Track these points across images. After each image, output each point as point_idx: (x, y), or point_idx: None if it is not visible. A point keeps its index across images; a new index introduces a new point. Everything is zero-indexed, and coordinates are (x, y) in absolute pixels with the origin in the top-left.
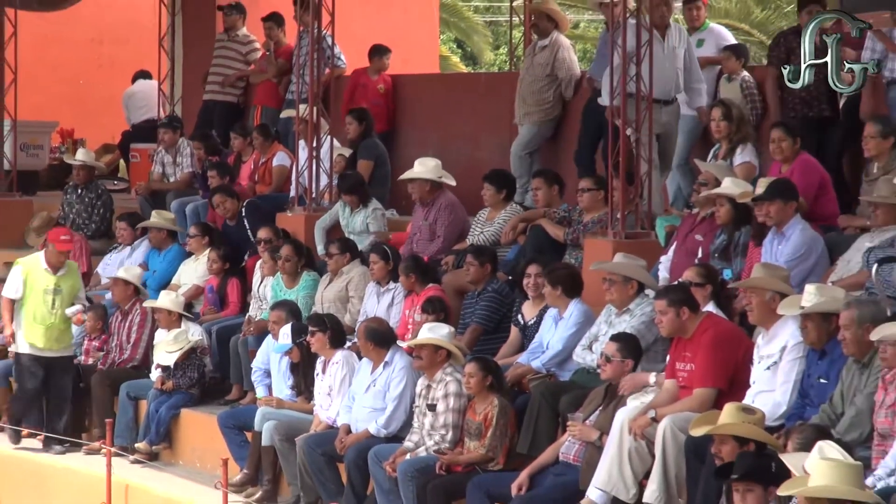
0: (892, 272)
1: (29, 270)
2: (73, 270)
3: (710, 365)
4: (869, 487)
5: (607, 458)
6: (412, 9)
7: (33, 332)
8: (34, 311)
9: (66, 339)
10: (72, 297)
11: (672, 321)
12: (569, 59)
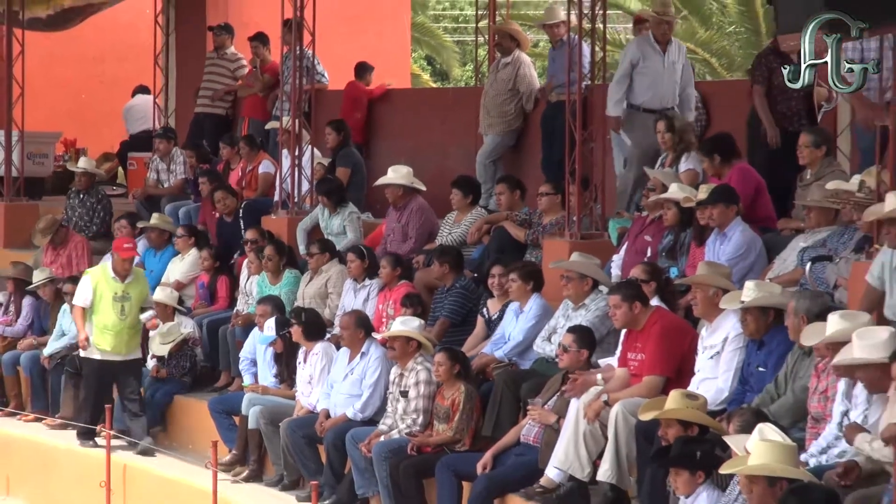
0: (823, 270)
1: (97, 280)
2: (140, 277)
3: (659, 354)
4: (803, 465)
5: (564, 439)
6: (386, 29)
7: (103, 339)
8: (104, 318)
9: (135, 343)
10: (140, 302)
11: (626, 314)
12: (529, 75)
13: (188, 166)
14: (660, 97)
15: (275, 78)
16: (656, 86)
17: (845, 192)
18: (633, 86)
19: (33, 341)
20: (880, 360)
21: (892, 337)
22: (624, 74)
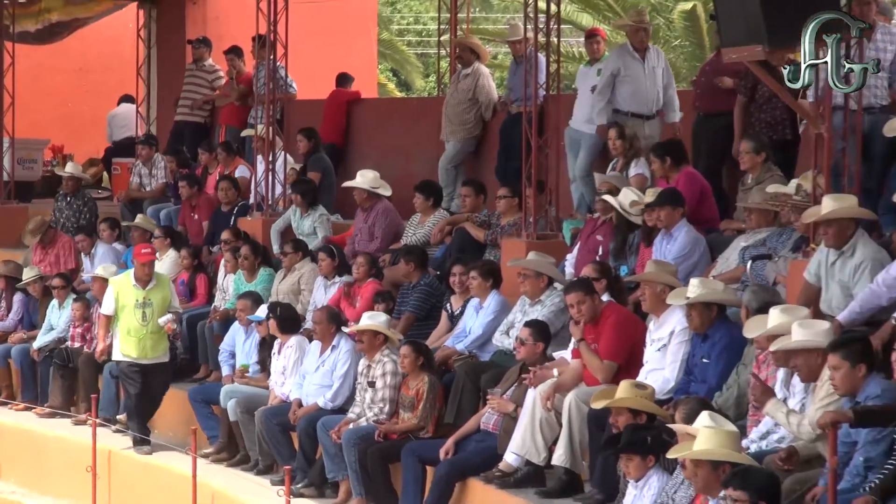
0: (763, 268)
1: (119, 288)
2: (162, 283)
3: (613, 343)
4: (744, 450)
5: (521, 427)
6: (354, 43)
7: (128, 345)
8: (127, 325)
9: (161, 347)
10: (163, 308)
11: (590, 308)
12: (488, 86)
13: (169, 171)
14: (645, 102)
15: (249, 88)
16: (640, 91)
17: (783, 195)
18: (617, 94)
19: (23, 335)
20: (817, 346)
21: (830, 328)
22: (605, 85)
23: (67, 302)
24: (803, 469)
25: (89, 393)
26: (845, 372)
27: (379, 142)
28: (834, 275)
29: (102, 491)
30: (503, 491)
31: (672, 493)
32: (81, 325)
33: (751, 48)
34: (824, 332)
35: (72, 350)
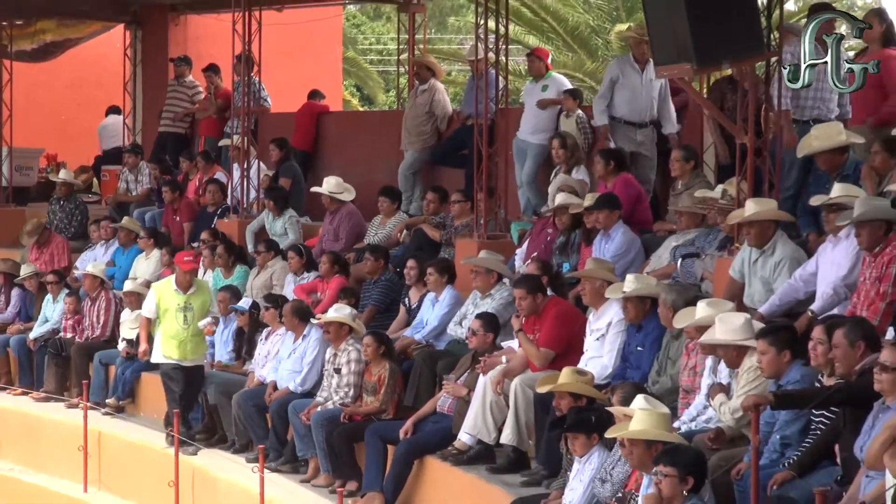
0: (692, 265)
1: (161, 293)
2: (203, 288)
3: (551, 333)
4: (675, 430)
5: (473, 409)
6: (321, 61)
7: (168, 347)
8: (168, 328)
9: (200, 350)
10: (203, 312)
11: (530, 304)
12: (443, 101)
13: (153, 177)
14: (638, 111)
15: (226, 102)
16: (635, 100)
17: (710, 199)
18: (614, 100)
19: (20, 326)
20: (735, 342)
21: (747, 322)
22: (606, 89)
23: (60, 296)
24: (728, 447)
25: (81, 379)
26: (771, 357)
27: (345, 151)
28: (756, 271)
29: (93, 468)
30: (457, 468)
31: (610, 469)
32: (73, 318)
33: (681, 66)
34: (740, 327)
35: (65, 340)
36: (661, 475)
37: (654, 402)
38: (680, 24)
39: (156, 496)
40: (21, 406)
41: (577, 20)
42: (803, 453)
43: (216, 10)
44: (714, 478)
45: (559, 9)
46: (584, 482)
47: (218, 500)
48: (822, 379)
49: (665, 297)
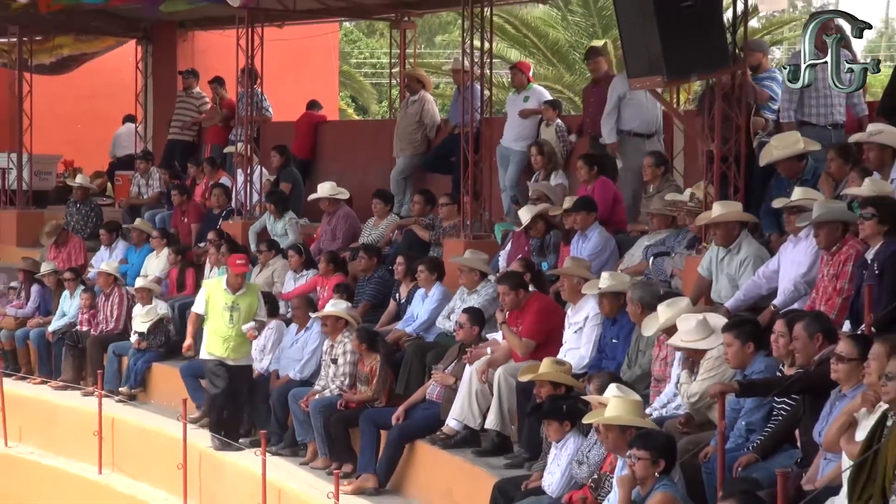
0: (663, 263)
1: (211, 290)
2: (252, 291)
3: (533, 325)
4: (648, 416)
5: (460, 397)
6: (319, 75)
7: (213, 343)
8: (214, 325)
9: (244, 350)
10: (250, 314)
11: (513, 299)
12: (432, 111)
13: (163, 182)
14: (646, 123)
15: (231, 112)
16: (642, 114)
17: (680, 202)
18: (622, 115)
19: (40, 320)
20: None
21: (700, 323)
22: (613, 107)
23: (77, 292)
24: (696, 432)
25: (96, 369)
26: (736, 349)
27: (341, 157)
28: (723, 269)
29: (107, 451)
30: (445, 451)
31: (587, 452)
32: (88, 312)
33: (652, 79)
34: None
35: (81, 333)
36: (635, 458)
37: (627, 390)
38: (652, 39)
39: (165, 478)
40: (40, 394)
41: (557, 36)
42: (766, 438)
43: (221, 26)
44: (683, 460)
45: (540, 26)
46: (561, 466)
47: (223, 481)
48: (783, 369)
49: (632, 294)
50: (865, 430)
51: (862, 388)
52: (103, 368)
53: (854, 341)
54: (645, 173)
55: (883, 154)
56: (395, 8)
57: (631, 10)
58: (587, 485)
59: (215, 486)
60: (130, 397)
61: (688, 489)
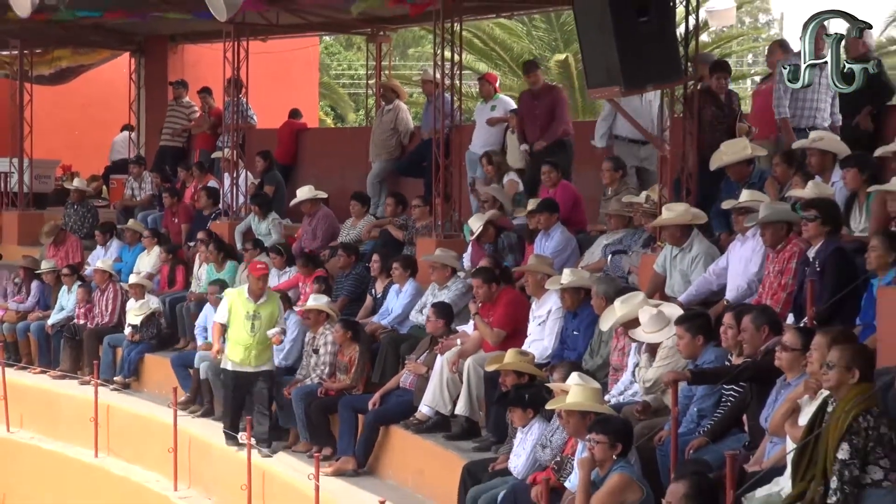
0: (620, 261)
1: (233, 299)
2: (273, 299)
3: (503, 316)
4: (606, 403)
5: (432, 385)
6: (300, 85)
7: (235, 352)
8: (236, 333)
9: (265, 356)
10: (271, 322)
11: (486, 292)
12: (406, 119)
13: (154, 185)
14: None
15: (218, 120)
16: (637, 120)
17: (636, 203)
18: (617, 121)
19: (39, 314)
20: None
21: (653, 317)
22: (608, 113)
23: (74, 288)
24: (652, 418)
25: (92, 359)
26: (687, 341)
27: (321, 162)
28: (676, 266)
29: (102, 436)
30: (418, 435)
31: (550, 437)
32: (85, 306)
33: (610, 89)
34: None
35: (78, 326)
36: (594, 442)
37: (588, 378)
38: (610, 52)
39: (157, 461)
40: (40, 383)
41: (522, 49)
42: (716, 422)
43: (209, 40)
44: (639, 444)
45: (506, 39)
46: (526, 449)
47: (211, 464)
48: (731, 358)
49: (597, 288)
50: (808, 416)
51: (805, 376)
52: (99, 359)
53: (798, 333)
54: (603, 177)
55: (824, 159)
56: (371, 23)
57: (591, 25)
58: (550, 467)
59: (203, 468)
60: (124, 386)
61: (643, 470)
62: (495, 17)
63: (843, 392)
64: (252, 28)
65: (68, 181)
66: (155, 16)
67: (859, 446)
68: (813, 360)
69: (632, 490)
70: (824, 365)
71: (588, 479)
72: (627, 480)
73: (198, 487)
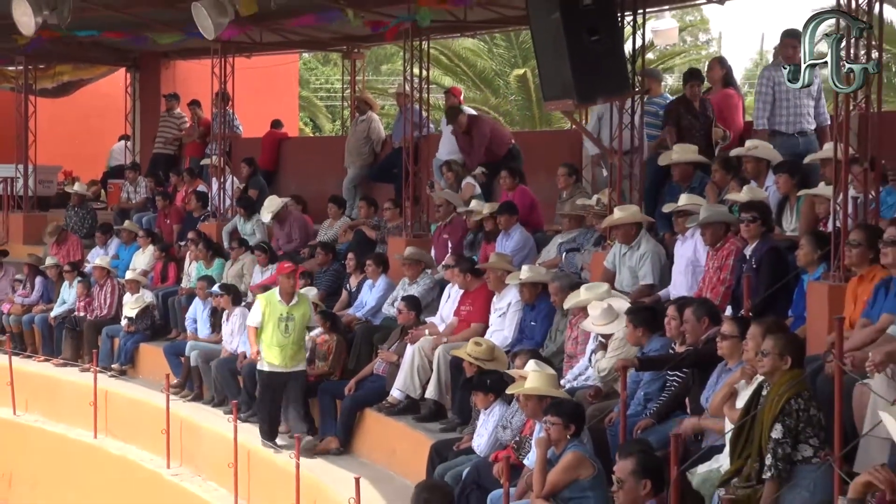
0: (574, 258)
1: (266, 303)
2: (304, 301)
3: (482, 308)
4: (561, 387)
5: (403, 371)
6: (281, 98)
7: (271, 353)
8: (271, 336)
9: (300, 357)
10: (304, 323)
11: (462, 281)
12: (378, 129)
13: (148, 189)
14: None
15: (206, 129)
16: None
17: (588, 206)
18: (602, 134)
19: (43, 307)
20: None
21: (602, 311)
22: (593, 126)
23: (75, 283)
24: (603, 401)
25: (91, 349)
26: (631, 330)
27: (300, 168)
28: (625, 262)
29: (101, 419)
30: (390, 417)
31: (510, 419)
32: (85, 300)
33: (564, 102)
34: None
35: (78, 318)
36: (550, 423)
37: (544, 365)
38: (564, 68)
39: (151, 441)
40: (44, 370)
41: (484, 65)
42: (661, 405)
43: (199, 57)
44: (591, 425)
45: (469, 56)
46: (488, 430)
47: (200, 444)
48: (675, 347)
49: (554, 282)
50: (744, 399)
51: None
52: (98, 348)
53: (735, 322)
54: (559, 181)
55: (758, 165)
56: (346, 41)
57: (546, 44)
58: (510, 446)
59: (194, 447)
60: (121, 373)
61: (595, 449)
62: (460, 35)
63: (777, 377)
64: (237, 46)
65: (69, 185)
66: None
67: (791, 426)
68: (749, 348)
69: (584, 467)
70: (759, 353)
71: (544, 457)
72: (580, 458)
73: (188, 465)
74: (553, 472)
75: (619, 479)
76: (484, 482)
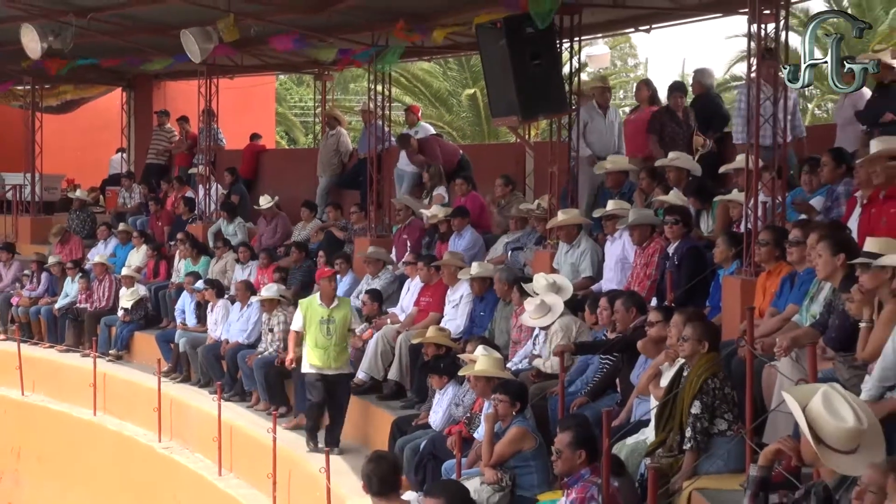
0: (518, 255)
1: (307, 307)
2: (344, 303)
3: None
4: (507, 370)
5: (368, 355)
6: (260, 114)
7: (314, 355)
8: (314, 338)
9: (343, 359)
10: (345, 325)
11: (425, 275)
12: (346, 142)
13: (142, 195)
14: (605, 147)
15: (194, 142)
16: (602, 139)
17: (530, 209)
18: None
19: (48, 300)
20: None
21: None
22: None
23: (76, 278)
24: (544, 381)
25: (91, 336)
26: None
27: (277, 176)
28: (567, 259)
29: (100, 399)
30: (355, 396)
31: (462, 397)
32: (85, 293)
33: (510, 118)
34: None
35: (80, 309)
36: (498, 401)
37: (492, 350)
38: (509, 88)
39: (144, 418)
40: (49, 356)
41: (439, 86)
42: (594, 385)
43: (187, 77)
44: (534, 402)
45: (426, 78)
46: (443, 407)
47: (188, 421)
48: (607, 334)
49: (499, 276)
50: (668, 379)
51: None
52: (97, 336)
53: (660, 312)
54: (496, 190)
55: (680, 174)
56: (318, 64)
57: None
58: (462, 421)
59: (182, 424)
60: (118, 358)
61: (537, 424)
62: (418, 59)
63: (696, 360)
64: (221, 68)
65: (72, 192)
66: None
67: (708, 403)
68: (671, 334)
69: (527, 439)
70: (681, 338)
71: (492, 431)
72: (524, 432)
73: (177, 440)
74: (500, 444)
75: (558, 450)
76: (439, 453)
